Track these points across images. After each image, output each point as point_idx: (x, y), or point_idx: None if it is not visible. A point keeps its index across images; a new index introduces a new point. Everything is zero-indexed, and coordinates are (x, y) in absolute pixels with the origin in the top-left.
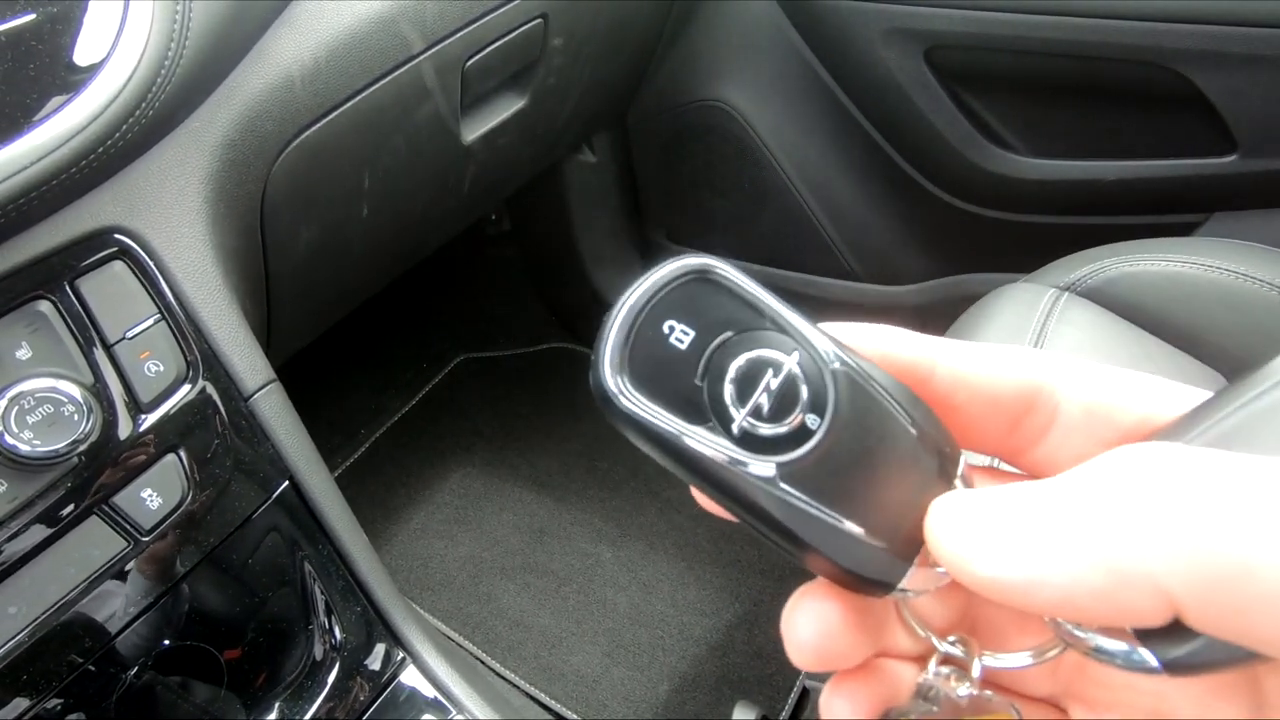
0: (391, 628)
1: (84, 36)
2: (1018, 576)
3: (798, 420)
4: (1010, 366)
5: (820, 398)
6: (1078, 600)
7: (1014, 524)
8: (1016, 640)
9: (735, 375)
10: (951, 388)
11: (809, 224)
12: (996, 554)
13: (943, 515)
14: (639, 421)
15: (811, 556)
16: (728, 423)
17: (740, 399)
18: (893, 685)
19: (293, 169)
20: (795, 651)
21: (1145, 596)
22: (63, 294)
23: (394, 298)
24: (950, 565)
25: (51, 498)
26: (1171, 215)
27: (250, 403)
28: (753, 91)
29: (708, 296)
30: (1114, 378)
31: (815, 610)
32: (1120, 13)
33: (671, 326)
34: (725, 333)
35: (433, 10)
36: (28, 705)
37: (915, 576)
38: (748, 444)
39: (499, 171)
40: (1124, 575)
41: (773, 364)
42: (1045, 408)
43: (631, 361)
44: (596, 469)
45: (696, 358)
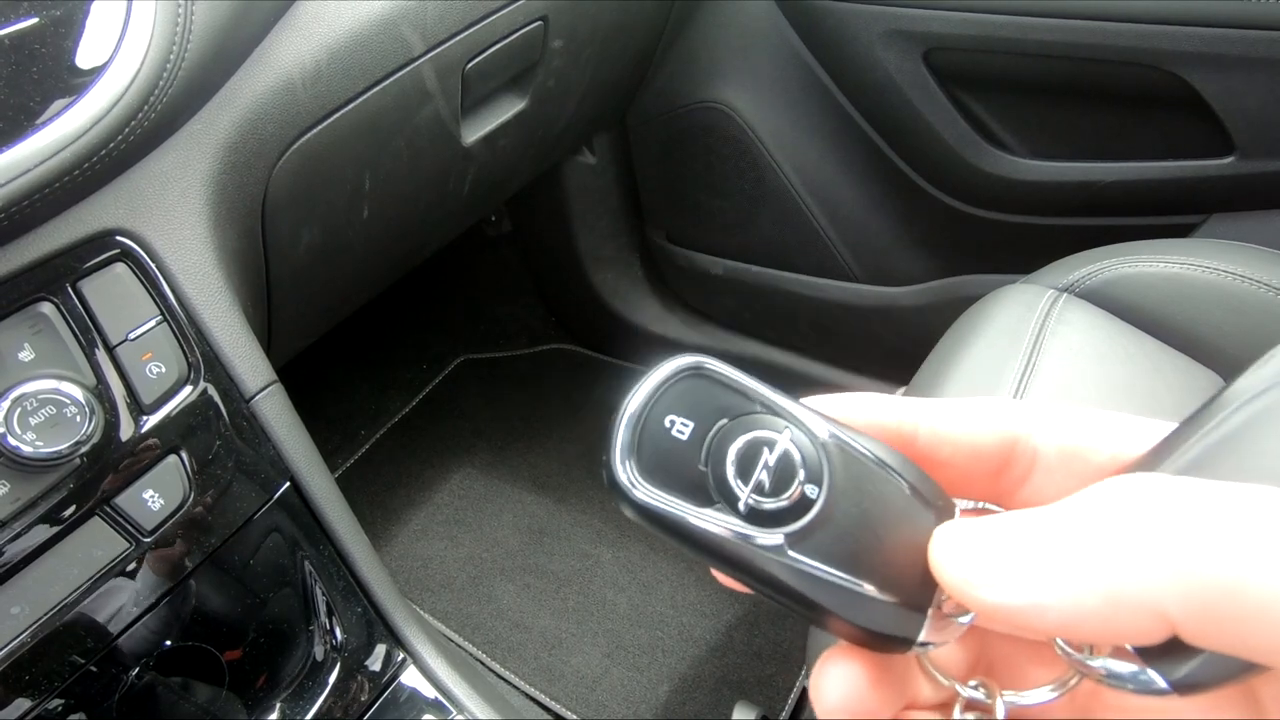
0: (392, 628)
1: (86, 40)
2: (1021, 602)
3: (798, 492)
4: (986, 420)
5: (816, 469)
6: (1079, 623)
7: (1013, 550)
8: (1034, 675)
9: (735, 457)
10: (935, 445)
11: (808, 225)
12: (999, 580)
13: (945, 542)
14: (652, 510)
15: (830, 619)
16: (734, 501)
17: (743, 478)
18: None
19: (294, 171)
20: (827, 714)
21: (1142, 617)
22: (65, 296)
23: (394, 299)
24: (956, 591)
25: (54, 499)
26: (1169, 216)
27: (251, 404)
28: (752, 93)
29: (702, 390)
30: (1082, 420)
31: (842, 672)
32: (1118, 15)
33: (672, 421)
34: (721, 420)
35: (433, 13)
36: (30, 705)
37: (932, 628)
38: (754, 519)
39: (499, 173)
40: (1120, 598)
41: (768, 442)
42: (1024, 454)
43: (640, 457)
44: (596, 470)
45: (698, 446)
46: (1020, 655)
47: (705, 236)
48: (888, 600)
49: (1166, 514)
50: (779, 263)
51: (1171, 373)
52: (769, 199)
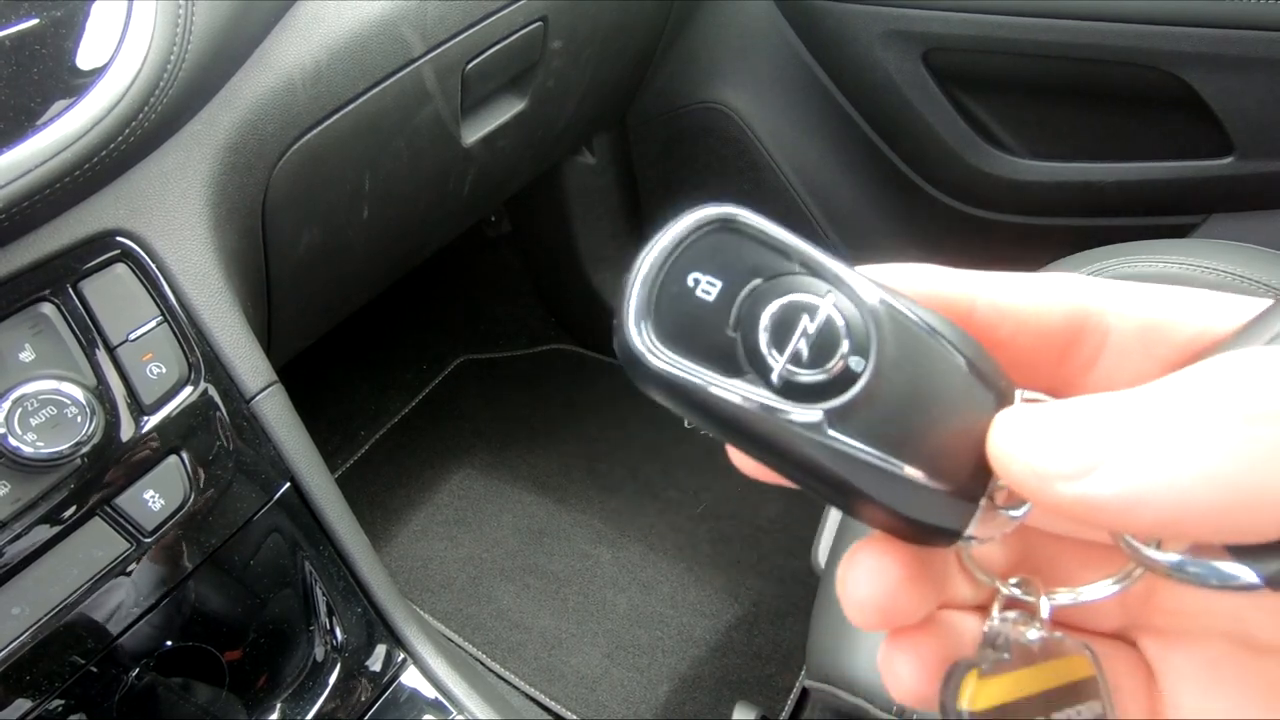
0: (392, 629)
1: (87, 40)
2: (1112, 492)
3: (840, 364)
4: (1054, 294)
5: (862, 339)
6: (1186, 520)
7: (1106, 433)
8: (1082, 578)
9: (769, 323)
10: (995, 321)
11: (807, 226)
12: (1085, 468)
13: (1012, 428)
14: (671, 380)
15: (870, 508)
16: (766, 373)
17: (778, 347)
18: (955, 637)
19: (294, 171)
20: (855, 610)
21: (1267, 511)
22: (66, 296)
23: (394, 299)
24: (1025, 483)
25: (54, 499)
26: (1169, 217)
27: (252, 404)
28: (751, 93)
29: (732, 245)
30: (1164, 294)
31: (873, 565)
32: (1117, 15)
33: (697, 279)
34: (754, 280)
35: (433, 13)
36: (30, 706)
37: (982, 521)
38: (790, 393)
39: (499, 173)
40: (1242, 489)
41: (808, 308)
42: (1095, 333)
43: (658, 319)
44: (596, 470)
45: (727, 308)
46: (1067, 557)
47: None
48: (937, 488)
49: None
50: None
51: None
52: (768, 199)
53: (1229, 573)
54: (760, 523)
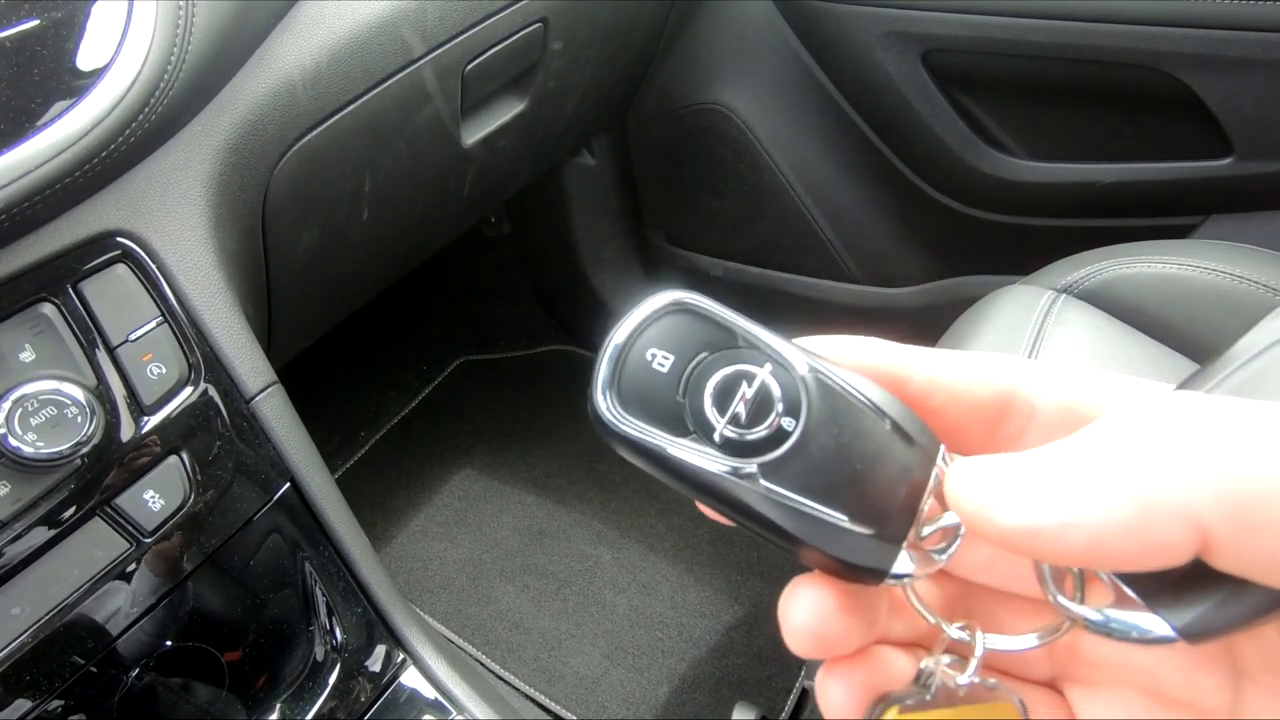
0: (392, 629)
1: (88, 41)
2: (1047, 521)
3: (774, 423)
4: (982, 372)
5: (794, 401)
6: (1108, 538)
7: (1041, 472)
8: (1013, 627)
9: (713, 390)
10: (928, 392)
11: (807, 226)
12: (1024, 502)
13: (965, 473)
14: (630, 439)
15: (803, 549)
16: (710, 432)
17: (719, 409)
18: (887, 672)
19: (294, 172)
20: (792, 637)
21: (1176, 526)
22: (66, 297)
23: (394, 300)
24: (975, 520)
25: (55, 499)
26: (1168, 217)
27: (252, 405)
28: (751, 94)
29: (684, 325)
30: (1084, 378)
31: (810, 596)
32: (1116, 17)
33: (654, 354)
34: (702, 354)
35: (433, 14)
36: (30, 706)
37: (907, 561)
38: (730, 449)
39: (499, 174)
40: (1155, 506)
41: (747, 376)
42: (1021, 410)
43: (620, 388)
44: (596, 471)
45: (677, 378)
46: (1000, 607)
47: (704, 238)
48: (862, 531)
49: (1201, 423)
50: (778, 264)
51: (1170, 373)
52: (768, 200)
53: (1146, 626)
54: None
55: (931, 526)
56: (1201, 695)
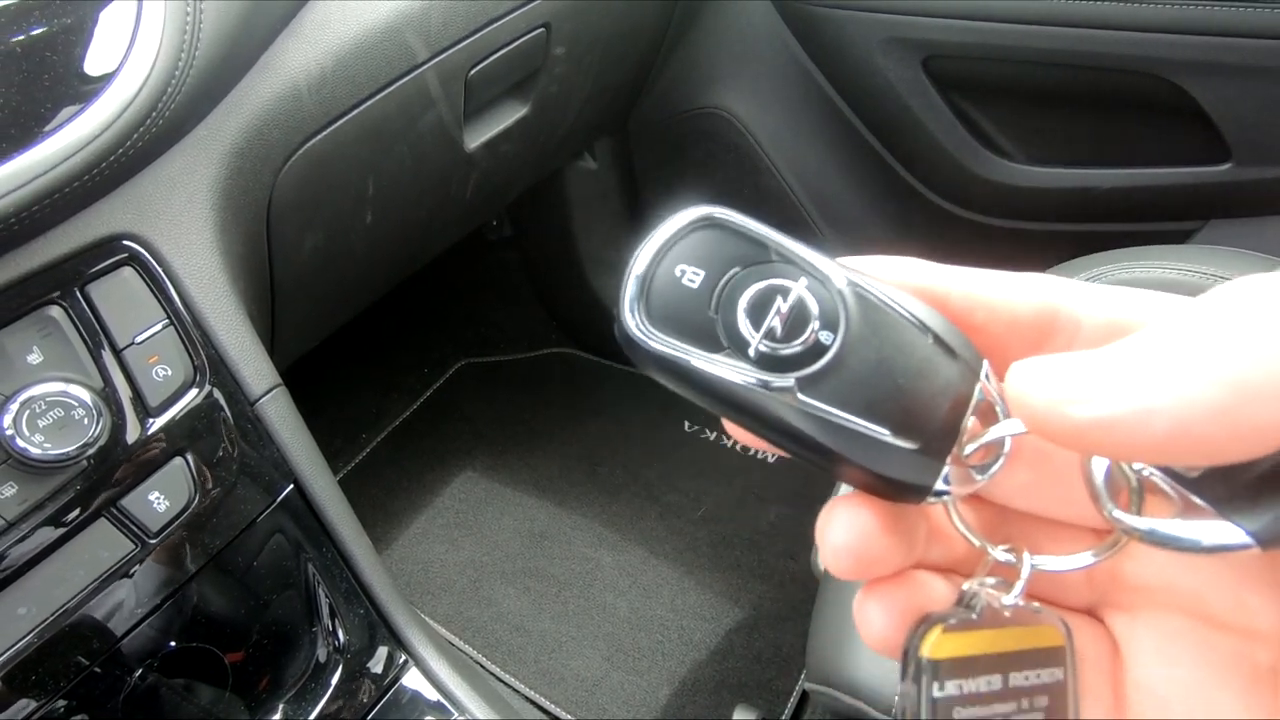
0: (394, 631)
1: (96, 47)
2: (1125, 409)
3: (811, 337)
4: (1025, 289)
5: (831, 315)
6: (1195, 424)
7: (1117, 362)
8: (1052, 553)
9: (747, 304)
10: (969, 309)
11: (808, 230)
12: (1100, 392)
13: (1029, 369)
14: (661, 357)
15: (843, 466)
16: (744, 347)
17: (754, 324)
18: (928, 594)
19: (299, 176)
20: (831, 556)
21: (1273, 405)
22: (73, 299)
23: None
24: (1045, 417)
25: (61, 500)
26: (1166, 223)
27: (256, 407)
28: (752, 99)
29: (714, 239)
30: (1132, 294)
31: (850, 514)
32: (1116, 23)
33: (683, 270)
34: (734, 269)
35: (437, 20)
36: (35, 706)
37: (952, 479)
38: (766, 364)
39: (501, 178)
40: (1248, 385)
41: (781, 290)
42: (1066, 327)
43: (649, 306)
44: (597, 473)
45: (709, 294)
46: (1038, 533)
47: None
48: (904, 446)
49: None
50: None
51: None
52: (769, 204)
53: (1216, 534)
54: (761, 526)
55: (975, 444)
56: (1251, 617)
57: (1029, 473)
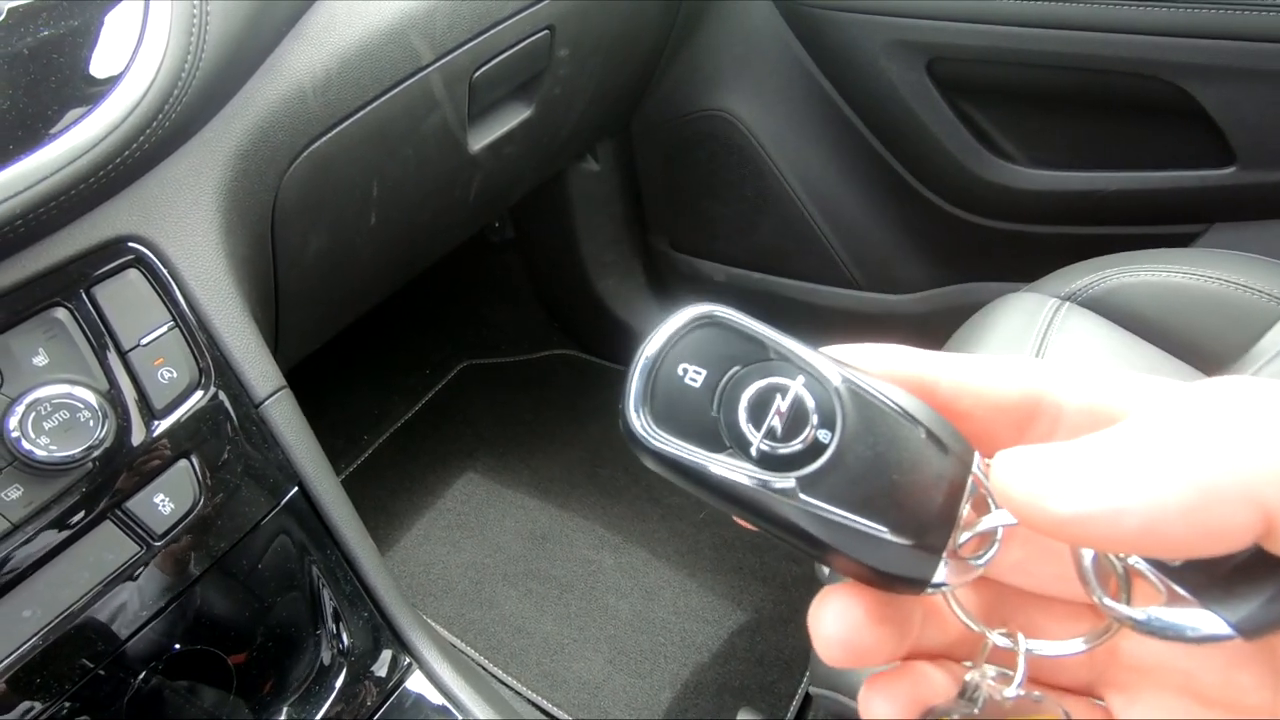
0: (398, 633)
1: (103, 49)
2: (1099, 507)
3: (810, 436)
4: (1009, 375)
5: (828, 413)
6: (1164, 523)
7: (1092, 458)
8: (1048, 631)
9: (747, 404)
10: (956, 397)
11: (811, 233)
12: (1076, 488)
13: (1012, 462)
14: (666, 456)
15: (842, 561)
16: (746, 447)
17: (755, 424)
18: (931, 686)
19: (303, 178)
20: (823, 646)
21: (1238, 509)
22: (79, 301)
23: (398, 304)
24: (1025, 509)
25: (66, 502)
26: (1171, 226)
27: (261, 409)
28: (756, 101)
29: (715, 338)
30: (1109, 380)
31: (841, 605)
32: (1120, 26)
33: (685, 369)
34: (734, 367)
35: (442, 22)
36: (39, 709)
37: (949, 570)
38: (767, 463)
39: (504, 180)
40: (1214, 489)
41: (780, 389)
42: (1048, 411)
43: (653, 405)
44: (598, 475)
45: (711, 393)
46: (1036, 612)
47: (708, 243)
48: (901, 542)
49: (1258, 404)
50: (781, 270)
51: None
52: (772, 206)
53: (1199, 624)
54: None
55: (969, 533)
56: (1242, 695)
57: (1021, 550)
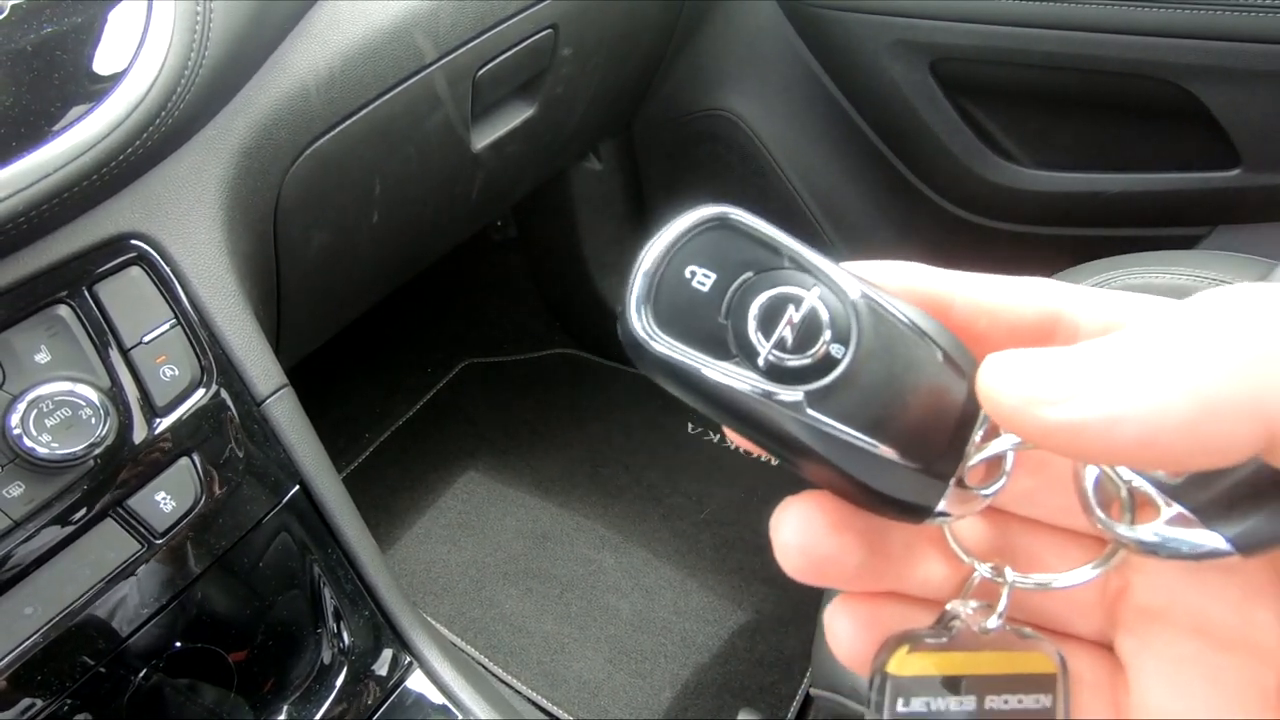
0: (399, 632)
1: (106, 46)
2: (1094, 414)
3: (822, 350)
4: (1026, 294)
5: (843, 328)
6: (1162, 435)
7: (1087, 363)
8: (1056, 569)
9: (758, 312)
10: (972, 316)
11: (813, 233)
12: (1070, 394)
13: (1001, 365)
14: (667, 362)
15: (845, 482)
16: (753, 356)
17: (764, 333)
18: (905, 615)
19: (306, 176)
20: (781, 554)
21: (1240, 423)
22: (81, 299)
23: (399, 303)
24: (1013, 414)
25: (68, 500)
26: (1175, 228)
27: (263, 407)
28: (758, 101)
29: (727, 241)
30: (1129, 298)
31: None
32: (1124, 27)
33: (694, 271)
34: (746, 273)
35: (446, 20)
36: (40, 706)
37: (954, 499)
38: (774, 375)
39: (507, 179)
40: (1215, 401)
41: (794, 299)
42: (1066, 331)
43: (657, 307)
44: (599, 475)
45: (719, 298)
46: (1044, 549)
47: None
48: (909, 466)
49: (1267, 313)
50: None
51: None
52: (774, 206)
53: (1198, 540)
54: (763, 529)
55: (977, 457)
56: (1255, 631)
57: (1030, 479)
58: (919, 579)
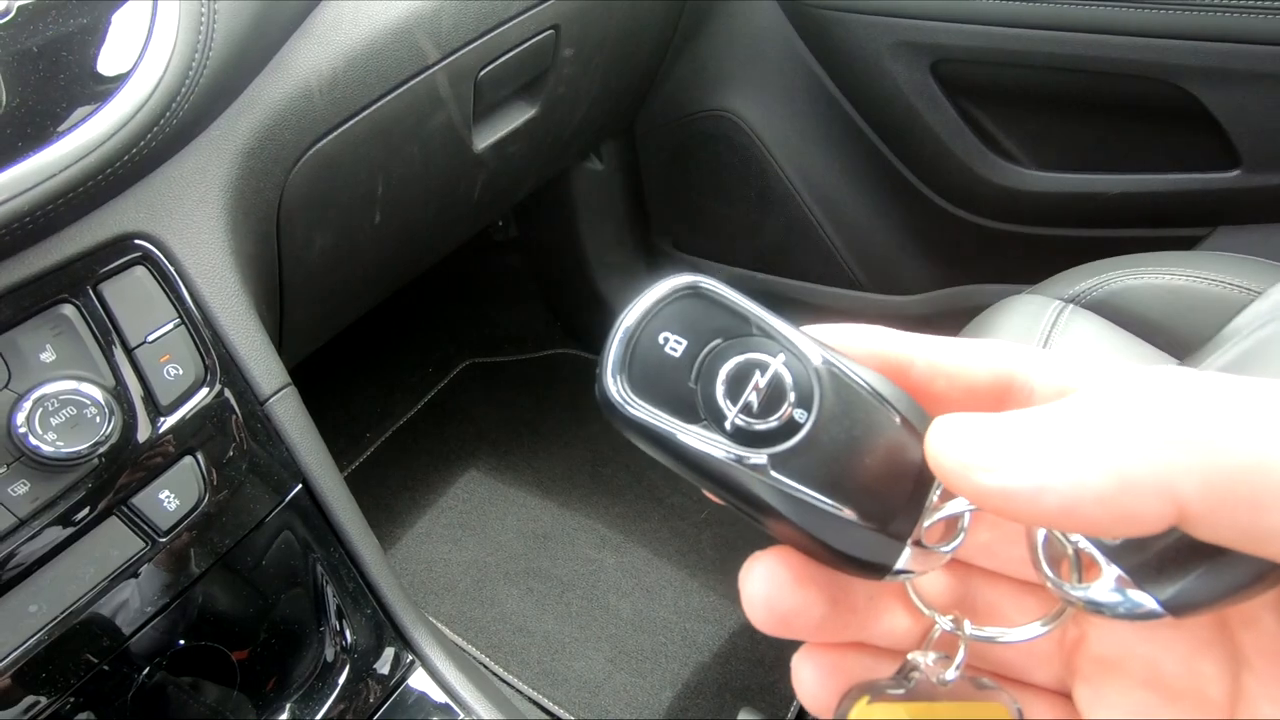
0: (401, 631)
1: (111, 47)
2: (1023, 484)
3: (786, 414)
4: (981, 357)
5: (806, 393)
6: (1081, 506)
7: (1020, 434)
8: (1016, 621)
9: (726, 377)
10: (930, 378)
11: (814, 233)
12: (1001, 462)
13: (946, 430)
14: (640, 424)
15: (808, 541)
16: (721, 420)
17: (731, 398)
18: (866, 665)
19: (309, 176)
20: (748, 608)
21: (1151, 498)
22: (86, 298)
23: (401, 303)
24: (953, 477)
25: (72, 498)
26: (1175, 229)
27: (266, 406)
28: (760, 102)
29: (698, 309)
30: (1081, 363)
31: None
32: (1125, 29)
33: (666, 338)
34: (715, 340)
35: (448, 21)
36: (44, 703)
37: (911, 557)
38: (741, 439)
39: (508, 179)
40: (1130, 477)
41: (760, 365)
42: (1020, 394)
43: (631, 371)
44: (600, 475)
45: (690, 364)
46: (1002, 598)
47: (711, 244)
48: (868, 526)
49: (1184, 398)
50: (785, 270)
51: None
52: (775, 207)
53: (1134, 600)
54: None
55: (936, 516)
56: (1202, 684)
57: (989, 533)
58: (883, 630)
